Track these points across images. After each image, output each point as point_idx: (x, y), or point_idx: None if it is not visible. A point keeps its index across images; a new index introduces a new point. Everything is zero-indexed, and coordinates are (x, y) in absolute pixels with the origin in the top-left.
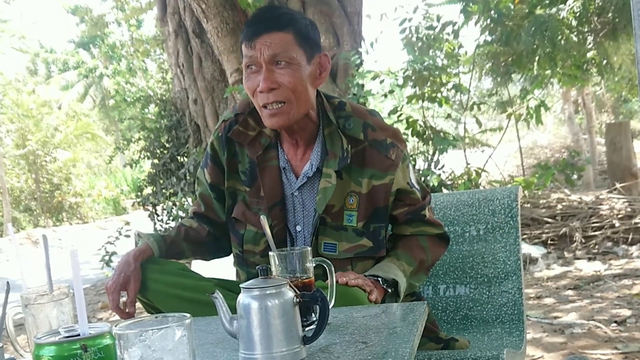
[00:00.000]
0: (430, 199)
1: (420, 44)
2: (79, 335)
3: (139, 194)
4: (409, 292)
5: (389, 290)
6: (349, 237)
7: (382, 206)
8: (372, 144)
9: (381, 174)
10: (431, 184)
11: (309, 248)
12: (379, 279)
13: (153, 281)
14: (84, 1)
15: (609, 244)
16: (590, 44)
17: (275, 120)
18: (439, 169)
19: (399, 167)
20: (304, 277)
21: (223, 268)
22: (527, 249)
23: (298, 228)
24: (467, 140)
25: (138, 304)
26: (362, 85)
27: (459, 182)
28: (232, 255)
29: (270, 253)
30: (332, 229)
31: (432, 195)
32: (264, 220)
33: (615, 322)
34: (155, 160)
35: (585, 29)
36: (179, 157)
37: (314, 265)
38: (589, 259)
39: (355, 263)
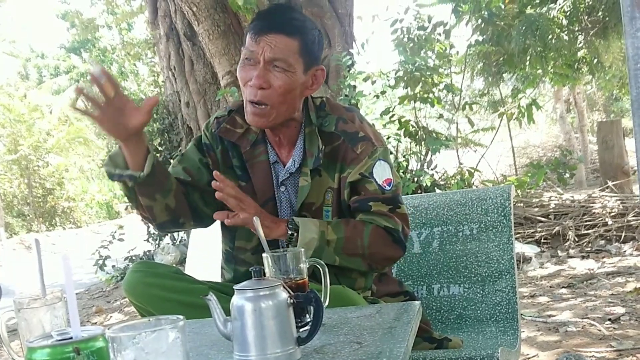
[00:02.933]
0: (394, 201)
1: (411, 44)
2: (71, 338)
3: None
4: (324, 260)
5: (289, 232)
6: None
7: (343, 199)
8: (343, 137)
9: (345, 167)
10: (424, 184)
11: (302, 249)
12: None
13: (146, 285)
14: (74, 5)
15: (602, 242)
16: (580, 42)
17: (255, 119)
18: (432, 169)
19: (362, 162)
20: (298, 278)
21: (218, 270)
22: (520, 248)
23: None
24: (459, 140)
25: (132, 308)
26: (354, 87)
27: (452, 182)
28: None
29: (264, 254)
30: None
31: (426, 195)
32: (257, 221)
33: (609, 319)
34: None
35: (576, 28)
36: (171, 160)
37: (307, 266)
38: (582, 258)
39: None
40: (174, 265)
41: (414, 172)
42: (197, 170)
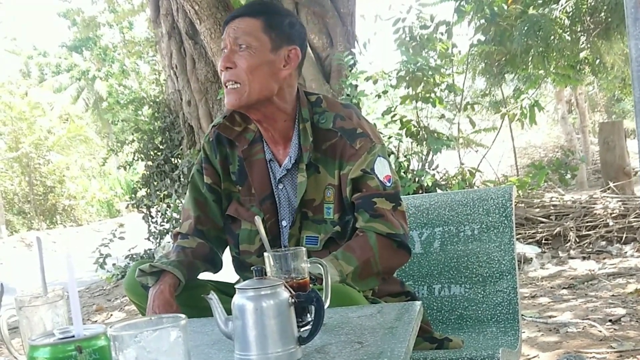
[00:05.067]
0: (396, 198)
1: (414, 43)
2: (73, 336)
3: (133, 196)
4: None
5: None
6: (327, 229)
7: (345, 196)
8: (341, 133)
9: (345, 164)
10: (425, 184)
11: (304, 248)
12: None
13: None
14: (76, 4)
15: (603, 243)
16: (583, 43)
17: (229, 98)
18: (433, 169)
19: (361, 157)
20: (299, 278)
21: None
22: (521, 248)
23: (284, 223)
24: (460, 141)
25: (132, 307)
26: (356, 86)
27: (453, 182)
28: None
29: (265, 253)
30: (314, 222)
31: (427, 196)
32: (258, 220)
33: (610, 320)
34: (149, 162)
35: (578, 29)
36: (172, 159)
37: (308, 265)
38: (583, 258)
39: (330, 250)
40: None
41: (415, 172)
42: (204, 199)
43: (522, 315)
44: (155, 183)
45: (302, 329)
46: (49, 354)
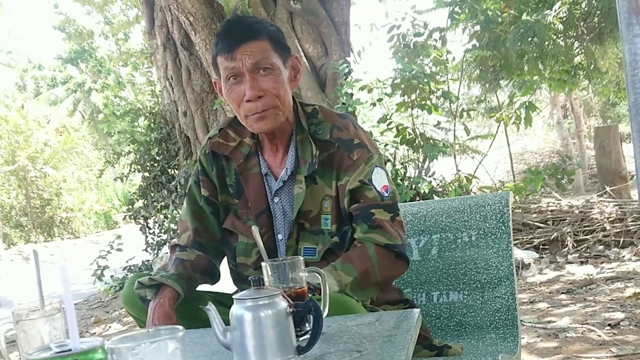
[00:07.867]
0: (394, 208)
1: (407, 50)
2: (70, 350)
3: (130, 207)
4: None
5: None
6: (325, 240)
7: (343, 207)
8: (338, 144)
9: (342, 175)
10: (422, 191)
11: (302, 257)
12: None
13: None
14: (71, 15)
15: (601, 247)
16: (577, 48)
17: (263, 123)
18: (430, 176)
19: (359, 168)
20: (297, 287)
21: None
22: (519, 254)
23: (280, 237)
24: (457, 147)
25: (130, 318)
26: (351, 95)
27: (450, 188)
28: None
29: (263, 263)
30: (312, 233)
31: (424, 203)
32: (255, 230)
33: (609, 325)
34: (146, 174)
35: (572, 34)
36: (169, 170)
37: (306, 274)
38: (581, 263)
39: (328, 261)
40: None
41: (411, 179)
42: (202, 211)
43: (521, 321)
44: (152, 194)
45: (300, 339)
46: None
